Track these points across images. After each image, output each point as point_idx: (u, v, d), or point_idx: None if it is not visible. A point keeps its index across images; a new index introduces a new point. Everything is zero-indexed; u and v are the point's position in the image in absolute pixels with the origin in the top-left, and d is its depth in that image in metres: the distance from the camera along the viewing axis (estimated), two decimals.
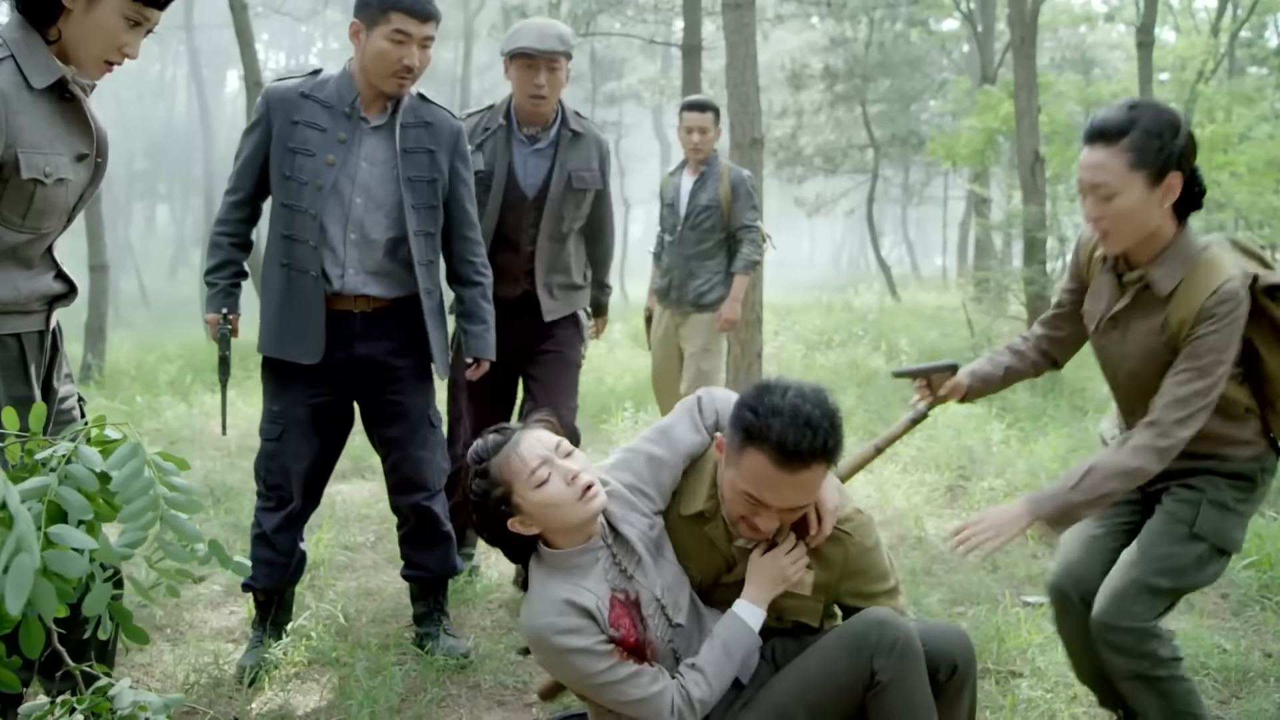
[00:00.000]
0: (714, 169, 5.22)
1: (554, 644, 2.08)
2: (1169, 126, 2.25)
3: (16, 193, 2.06)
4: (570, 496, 2.08)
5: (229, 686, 3.00)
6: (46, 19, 2.08)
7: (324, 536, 4.25)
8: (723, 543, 2.26)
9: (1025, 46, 8.78)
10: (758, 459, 2.03)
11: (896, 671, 2.04)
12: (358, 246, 3.06)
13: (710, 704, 2.16)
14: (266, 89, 3.18)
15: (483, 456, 2.15)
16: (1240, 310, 2.25)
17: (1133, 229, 2.30)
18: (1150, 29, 4.73)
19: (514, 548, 2.20)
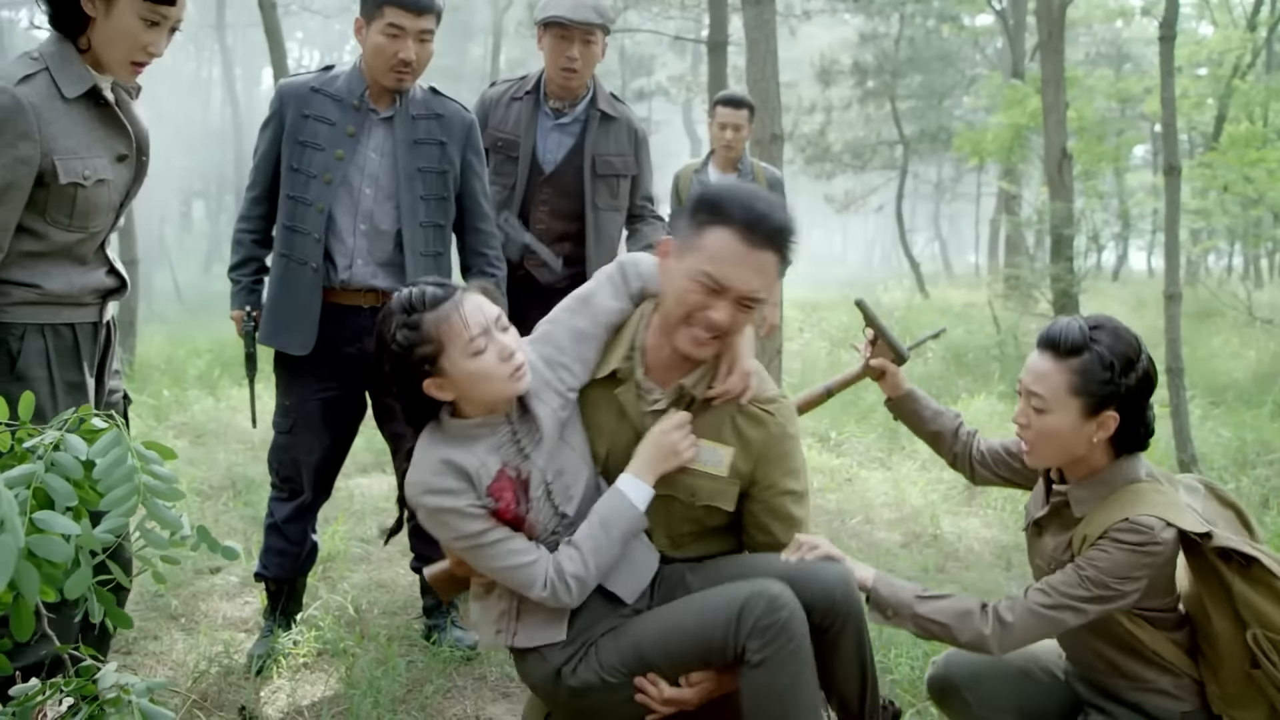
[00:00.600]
0: (748, 168, 5.11)
1: (427, 503, 2.02)
2: (1123, 361, 2.10)
3: (59, 196, 2.19)
4: (502, 373, 2.00)
5: (238, 675, 3.05)
6: (75, 29, 2.20)
7: (339, 529, 4.29)
8: (633, 409, 2.16)
9: (1053, 41, 8.70)
10: (722, 234, 2.01)
11: (769, 655, 1.95)
12: (367, 237, 3.08)
13: (587, 581, 2.07)
14: (280, 84, 3.23)
15: (416, 306, 2.01)
16: (1149, 549, 2.04)
17: (1055, 450, 2.17)
18: (1172, 23, 4.66)
19: (415, 409, 2.07)
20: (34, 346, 2.21)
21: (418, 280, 2.10)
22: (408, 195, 3.09)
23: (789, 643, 1.94)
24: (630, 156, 3.72)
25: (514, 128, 3.60)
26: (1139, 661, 2.19)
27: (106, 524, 1.35)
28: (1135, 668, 2.20)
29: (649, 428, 2.14)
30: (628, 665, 2.06)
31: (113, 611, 1.45)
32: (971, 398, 7.67)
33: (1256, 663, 2.06)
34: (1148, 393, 2.14)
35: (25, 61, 2.18)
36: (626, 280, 2.25)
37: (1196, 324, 10.94)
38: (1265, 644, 2.06)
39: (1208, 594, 2.13)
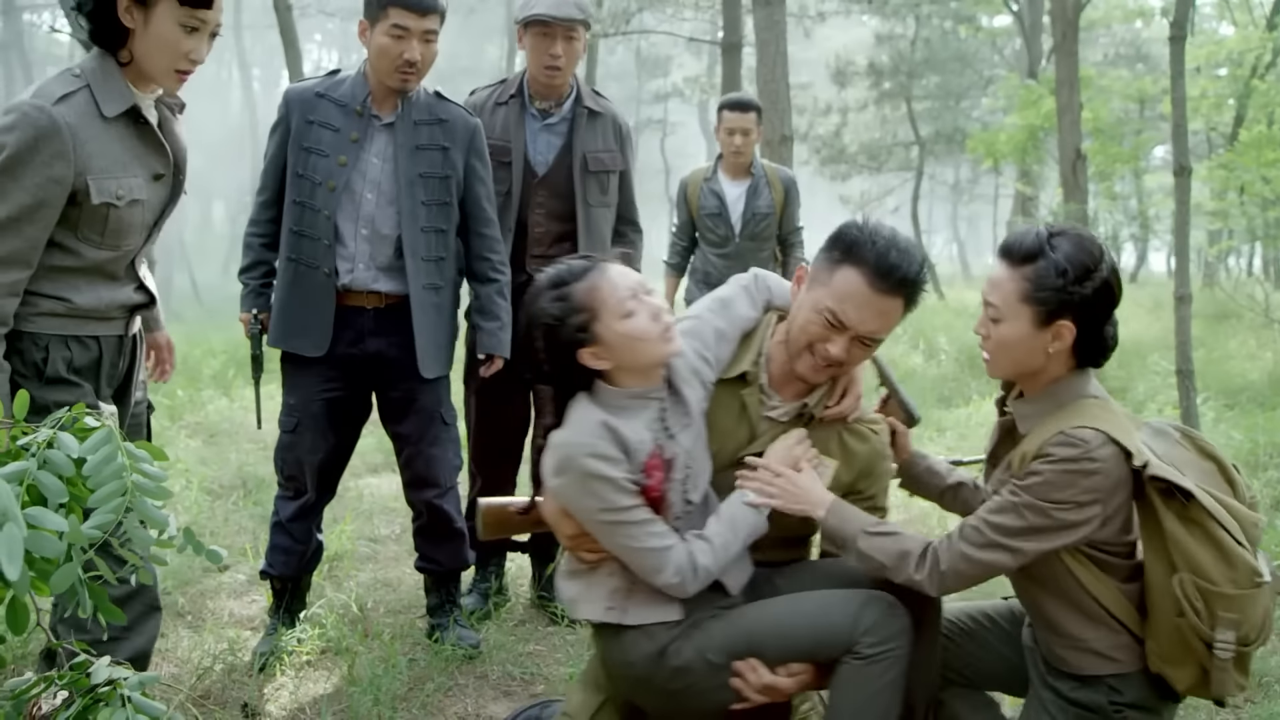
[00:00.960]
0: (760, 171, 4.96)
1: (583, 466, 2.02)
2: (1079, 269, 1.99)
3: (91, 215, 2.21)
4: (655, 332, 2.05)
5: (242, 673, 3.08)
6: (116, 43, 2.22)
7: (346, 528, 4.33)
8: (754, 408, 2.27)
9: (1067, 42, 8.66)
10: (852, 275, 2.10)
11: (879, 652, 2.04)
12: (369, 242, 3.11)
13: (713, 575, 2.12)
14: (286, 90, 3.26)
15: (565, 280, 2.08)
16: (1084, 466, 1.92)
17: (1011, 362, 2.09)
18: (1183, 24, 4.65)
19: (570, 381, 2.11)
20: (60, 357, 2.24)
21: (560, 259, 2.17)
22: (409, 200, 3.12)
23: (898, 647, 2.05)
24: (617, 152, 3.68)
25: (503, 133, 3.57)
26: (1078, 614, 2.07)
27: (95, 520, 1.37)
28: (1071, 624, 2.07)
29: (763, 430, 2.26)
30: (735, 649, 2.12)
31: (104, 606, 1.48)
32: (983, 399, 7.65)
33: (1182, 610, 1.95)
34: (1107, 304, 2.04)
35: (66, 79, 2.20)
36: (759, 291, 2.40)
37: (1213, 326, 10.86)
38: (1191, 591, 1.94)
39: (1145, 532, 2.03)
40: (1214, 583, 1.93)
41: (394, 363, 3.18)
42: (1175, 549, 1.95)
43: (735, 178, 4.96)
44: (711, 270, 4.95)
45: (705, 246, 5.05)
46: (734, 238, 4.91)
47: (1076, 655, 2.08)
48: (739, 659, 2.12)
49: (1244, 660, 2.00)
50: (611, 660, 2.21)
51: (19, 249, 2.13)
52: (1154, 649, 2.03)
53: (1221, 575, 1.93)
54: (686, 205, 5.09)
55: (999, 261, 2.08)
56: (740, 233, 4.90)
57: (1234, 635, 1.93)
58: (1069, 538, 1.97)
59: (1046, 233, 2.04)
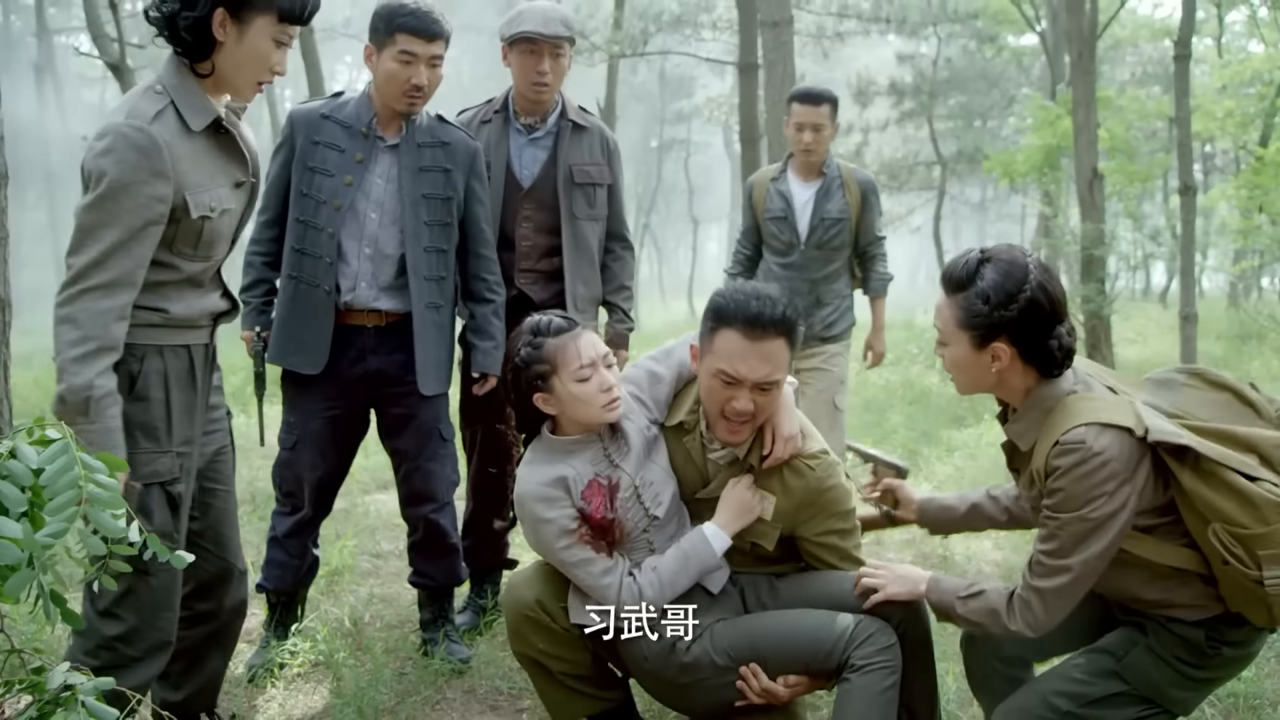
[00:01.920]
0: (834, 172, 4.46)
1: (529, 511, 2.39)
2: (1001, 294, 2.07)
3: (188, 230, 2.27)
4: (598, 402, 2.39)
5: (234, 684, 3.12)
6: (202, 55, 2.26)
7: (348, 543, 4.37)
8: (698, 455, 2.52)
9: (1083, 61, 8.63)
10: (728, 335, 2.31)
11: (872, 665, 2.27)
12: (372, 261, 3.16)
13: (658, 605, 2.39)
14: (291, 111, 3.32)
15: (543, 331, 2.42)
16: (1092, 462, 1.99)
17: (966, 380, 2.21)
18: (1187, 42, 4.65)
19: (526, 418, 2.49)
20: (154, 368, 2.28)
21: (548, 311, 2.51)
22: (411, 220, 3.17)
23: (891, 659, 2.29)
24: (604, 165, 3.68)
25: (486, 149, 3.57)
26: (1154, 581, 2.14)
27: (48, 529, 1.42)
28: (1152, 590, 2.15)
29: (713, 473, 2.51)
30: (739, 653, 2.38)
31: (65, 612, 1.52)
32: (994, 421, 7.59)
33: (1226, 558, 2.00)
34: (1039, 321, 2.08)
35: (151, 96, 2.23)
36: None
37: (1237, 346, 10.75)
38: (1227, 538, 2.00)
39: (1176, 492, 2.06)
40: (1244, 526, 1.97)
41: (394, 380, 3.23)
42: (1200, 503, 2.01)
43: (806, 178, 4.49)
44: (774, 282, 4.46)
45: (769, 254, 4.64)
46: (799, 245, 4.47)
47: (1164, 613, 2.15)
48: (743, 663, 2.37)
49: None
50: (629, 656, 2.47)
51: (128, 270, 2.16)
52: (1225, 594, 2.09)
53: (1248, 518, 1.97)
54: (751, 208, 4.67)
55: (942, 288, 2.20)
56: (807, 240, 4.46)
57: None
58: (1116, 526, 2.03)
59: (976, 260, 2.13)
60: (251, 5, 2.22)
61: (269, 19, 2.24)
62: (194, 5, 2.20)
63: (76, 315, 2.12)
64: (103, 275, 2.13)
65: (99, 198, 2.13)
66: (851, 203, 4.42)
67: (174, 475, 2.30)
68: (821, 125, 4.35)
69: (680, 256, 40.29)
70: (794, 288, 4.39)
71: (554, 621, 2.45)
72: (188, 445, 2.34)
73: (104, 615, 2.26)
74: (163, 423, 2.28)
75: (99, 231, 2.13)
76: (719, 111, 16.37)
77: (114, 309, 2.15)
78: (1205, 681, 2.22)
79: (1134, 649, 2.19)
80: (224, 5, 2.21)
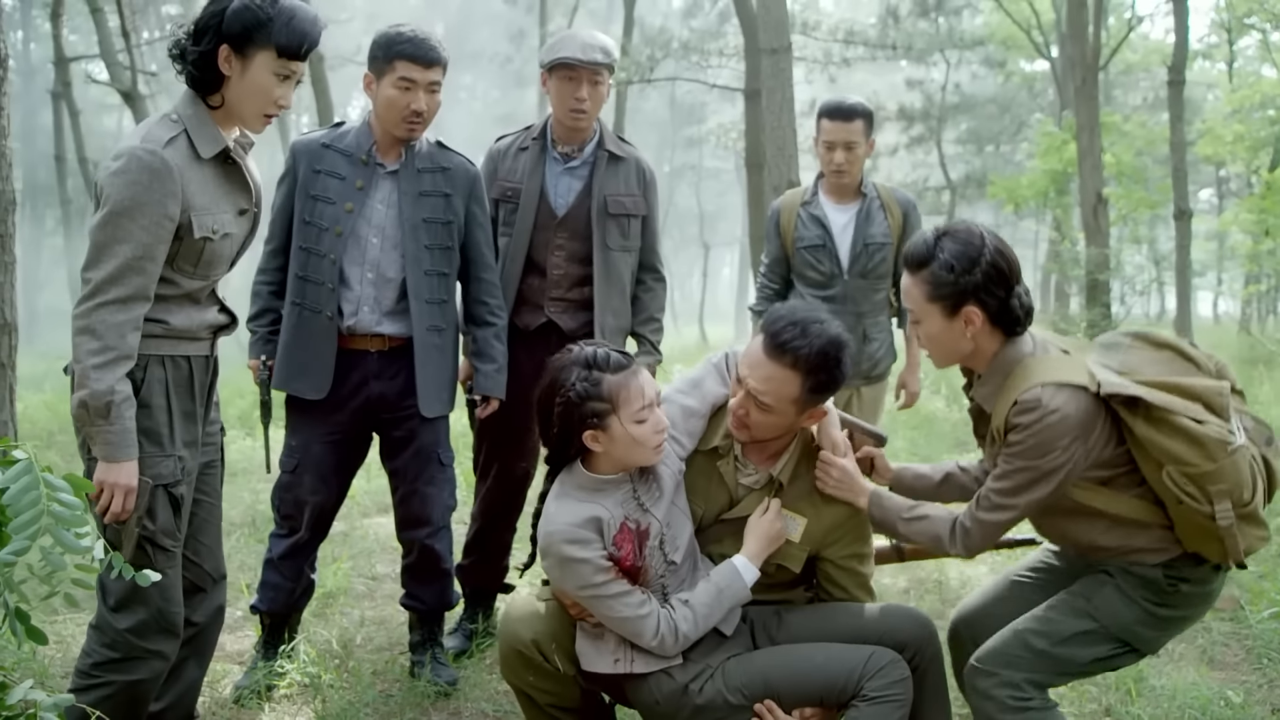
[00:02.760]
0: (872, 192, 4.03)
1: (560, 551, 2.30)
2: (964, 261, 2.26)
3: (190, 249, 2.41)
4: (652, 443, 2.33)
5: (219, 705, 3.14)
6: (212, 88, 2.42)
7: (343, 566, 4.39)
8: (730, 477, 2.52)
9: (1087, 87, 8.67)
10: (756, 340, 2.38)
11: (885, 696, 2.28)
12: (374, 285, 3.20)
13: (693, 639, 2.37)
14: (293, 142, 3.37)
15: (600, 365, 2.32)
16: (1048, 419, 2.17)
17: (944, 352, 2.37)
18: (1181, 69, 4.67)
19: (562, 450, 2.39)
20: (156, 375, 2.41)
21: (595, 342, 2.42)
22: (412, 245, 3.21)
23: (902, 692, 2.30)
24: (639, 196, 3.67)
25: (521, 177, 3.61)
26: (1114, 528, 2.31)
27: (11, 547, 1.45)
28: (1111, 538, 2.32)
29: (741, 495, 2.52)
30: (752, 689, 2.37)
31: (29, 629, 1.55)
32: None
33: (1180, 498, 2.19)
34: (1001, 281, 2.28)
35: (167, 124, 2.40)
36: (730, 369, 2.59)
37: (1247, 370, 10.70)
38: (1180, 478, 2.19)
39: (1130, 442, 2.25)
40: (1194, 465, 2.17)
41: (396, 404, 3.26)
42: (1153, 447, 2.20)
43: (840, 200, 4.04)
44: None
45: (804, 287, 4.10)
46: (841, 275, 4.00)
47: (1125, 559, 2.33)
48: (757, 700, 2.36)
49: (1251, 516, 2.23)
50: (639, 701, 2.45)
51: (142, 285, 2.32)
52: (1181, 535, 2.27)
53: (1196, 456, 2.17)
54: (779, 237, 4.15)
55: (904, 272, 2.37)
56: (850, 268, 3.99)
57: (1229, 502, 2.18)
58: (1059, 476, 2.23)
59: (934, 237, 2.32)
60: (252, 41, 2.37)
61: (269, 54, 2.39)
62: (200, 41, 2.38)
63: (95, 326, 2.28)
64: (118, 290, 2.29)
65: (113, 214, 2.29)
66: (893, 225, 4.01)
67: (176, 478, 2.44)
68: (854, 143, 3.91)
69: (693, 282, 40.37)
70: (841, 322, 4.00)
71: (546, 662, 2.43)
72: (188, 449, 2.48)
73: (116, 610, 2.41)
74: (165, 428, 2.42)
75: (114, 247, 2.29)
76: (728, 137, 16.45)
77: (130, 320, 2.31)
78: (1171, 620, 2.37)
79: (1103, 589, 2.35)
80: (228, 41, 2.37)
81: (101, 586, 2.43)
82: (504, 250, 3.64)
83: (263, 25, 2.36)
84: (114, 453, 2.28)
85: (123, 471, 2.30)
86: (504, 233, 3.65)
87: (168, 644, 2.46)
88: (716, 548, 2.54)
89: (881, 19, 14.86)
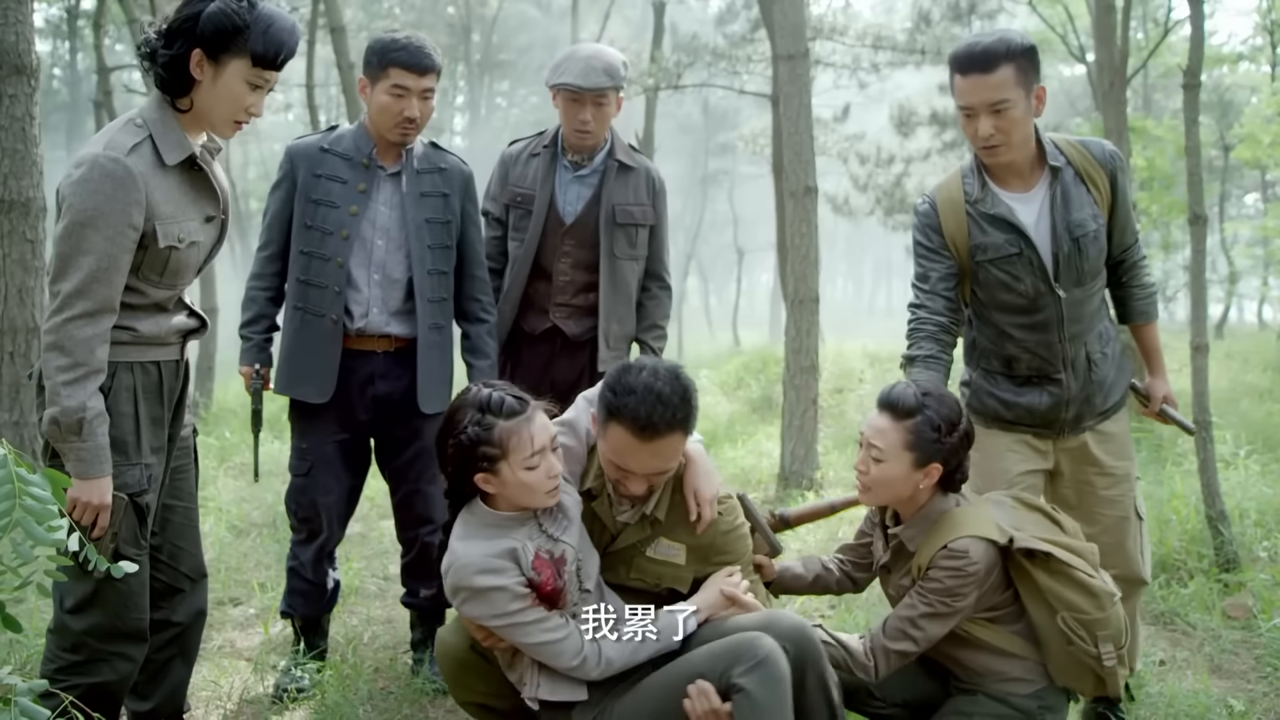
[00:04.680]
0: (1060, 159, 2.84)
1: (474, 583, 2.29)
2: (948, 424, 2.51)
3: (155, 258, 2.37)
4: (544, 488, 2.35)
5: (223, 700, 3.21)
6: (181, 91, 2.37)
7: (353, 565, 4.46)
8: (607, 516, 2.56)
9: (1114, 92, 8.57)
10: (619, 432, 2.34)
11: (754, 680, 2.22)
12: (381, 286, 3.26)
13: (616, 668, 2.38)
14: (289, 147, 3.42)
15: (494, 409, 2.33)
16: (967, 569, 2.44)
17: (887, 492, 2.57)
18: (1196, 72, 4.61)
19: (458, 491, 2.41)
20: (124, 383, 2.38)
21: (494, 383, 2.43)
22: (417, 245, 3.27)
23: (773, 669, 2.24)
24: (648, 206, 3.71)
25: (532, 183, 3.66)
26: (992, 657, 2.58)
27: None
28: (990, 664, 2.59)
29: (619, 528, 2.56)
30: (646, 712, 2.34)
31: (4, 617, 1.61)
32: None
33: (1070, 640, 2.49)
34: (967, 447, 2.57)
35: (131, 129, 2.34)
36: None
37: (1274, 378, 10.55)
38: (1073, 624, 2.49)
39: (1023, 589, 2.55)
40: (1086, 613, 2.49)
41: (399, 403, 3.32)
42: (1050, 596, 2.51)
43: (1016, 182, 2.87)
44: (1015, 354, 2.93)
45: (999, 315, 2.93)
46: (1052, 288, 2.84)
47: (1000, 685, 2.59)
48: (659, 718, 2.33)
49: (1124, 657, 2.56)
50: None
51: (108, 296, 2.28)
52: (1055, 671, 2.57)
53: (1090, 606, 2.50)
54: (947, 249, 2.89)
55: (880, 413, 2.54)
56: (1059, 276, 2.84)
57: (1112, 646, 2.50)
58: (959, 617, 2.52)
59: (920, 393, 2.52)
60: (226, 48, 2.32)
61: (243, 62, 2.34)
62: (172, 44, 2.32)
63: (63, 343, 2.24)
64: (85, 303, 2.25)
65: (75, 225, 2.24)
66: (1101, 198, 2.85)
67: (142, 486, 2.41)
68: (1004, 101, 2.68)
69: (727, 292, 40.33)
70: (1058, 356, 2.88)
71: (489, 661, 2.48)
72: (155, 456, 2.45)
73: (72, 613, 2.39)
74: (132, 436, 2.39)
75: (77, 259, 2.24)
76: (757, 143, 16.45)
77: (98, 335, 2.27)
78: None
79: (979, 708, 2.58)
80: (201, 46, 2.31)
81: (58, 591, 2.40)
82: (513, 255, 3.71)
83: (238, 32, 2.30)
84: (87, 469, 2.25)
85: (96, 488, 2.26)
86: (514, 238, 3.72)
87: (131, 647, 2.44)
88: (609, 576, 2.59)
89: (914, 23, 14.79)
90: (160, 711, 2.66)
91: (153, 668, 2.60)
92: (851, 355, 12.21)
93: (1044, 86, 2.78)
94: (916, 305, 2.95)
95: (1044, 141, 2.85)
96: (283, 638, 3.72)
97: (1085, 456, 2.99)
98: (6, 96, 4.24)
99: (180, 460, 2.62)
